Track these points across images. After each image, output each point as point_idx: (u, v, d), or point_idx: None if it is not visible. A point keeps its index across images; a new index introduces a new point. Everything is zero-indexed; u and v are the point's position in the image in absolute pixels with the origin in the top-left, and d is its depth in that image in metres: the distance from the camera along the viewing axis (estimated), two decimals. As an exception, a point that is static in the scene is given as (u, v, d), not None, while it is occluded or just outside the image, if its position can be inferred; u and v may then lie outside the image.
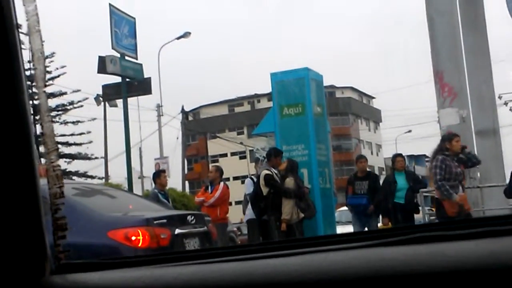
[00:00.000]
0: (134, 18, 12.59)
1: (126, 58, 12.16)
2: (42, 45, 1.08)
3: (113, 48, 11.81)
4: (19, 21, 1.04)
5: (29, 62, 1.15)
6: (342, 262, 0.88)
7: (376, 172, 66.19)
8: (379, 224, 14.35)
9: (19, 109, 1.02)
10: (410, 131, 54.81)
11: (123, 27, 12.13)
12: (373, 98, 68.00)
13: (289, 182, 8.77)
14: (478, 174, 9.92)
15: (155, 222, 5.95)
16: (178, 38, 27.89)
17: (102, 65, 11.42)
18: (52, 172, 1.08)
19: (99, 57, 11.54)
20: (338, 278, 0.85)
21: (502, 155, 11.10)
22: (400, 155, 10.07)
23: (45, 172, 1.09)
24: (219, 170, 10.30)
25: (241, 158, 54.22)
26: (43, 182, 1.06)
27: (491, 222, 0.94)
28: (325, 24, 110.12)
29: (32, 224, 1.02)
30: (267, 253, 0.98)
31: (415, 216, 9.70)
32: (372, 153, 66.46)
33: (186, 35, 27.87)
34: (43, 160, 1.13)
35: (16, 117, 1.01)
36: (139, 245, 5.68)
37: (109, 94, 12.63)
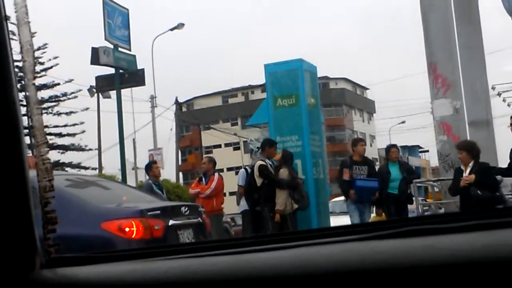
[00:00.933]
0: (127, 9, 12.53)
1: (120, 49, 12.12)
2: (31, 37, 1.07)
3: (106, 39, 11.74)
4: (8, 13, 1.03)
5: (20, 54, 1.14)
6: (335, 256, 0.88)
7: (370, 163, 66.38)
8: (373, 215, 14.42)
9: (8, 101, 1.01)
10: (404, 122, 54.94)
11: (116, 18, 12.06)
12: (367, 89, 68.07)
13: (283, 173, 8.77)
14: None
15: (148, 213, 5.92)
16: (172, 29, 27.82)
17: (95, 56, 11.37)
18: (42, 165, 1.07)
19: (92, 48, 11.49)
20: (331, 272, 0.85)
21: (495, 146, 11.13)
22: (394, 145, 10.09)
23: (34, 164, 1.08)
24: (212, 161, 10.30)
25: (235, 149, 54.29)
26: (32, 173, 1.05)
27: (484, 215, 0.93)
28: (320, 15, 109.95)
29: (21, 218, 1.01)
30: (260, 246, 0.98)
31: (409, 206, 9.73)
32: (366, 144, 66.62)
33: (179, 26, 27.80)
34: (32, 153, 1.13)
35: (4, 109, 1.01)
36: (133, 236, 5.66)
37: (102, 86, 12.58)
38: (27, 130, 1.11)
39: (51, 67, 37.48)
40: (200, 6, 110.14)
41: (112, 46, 11.88)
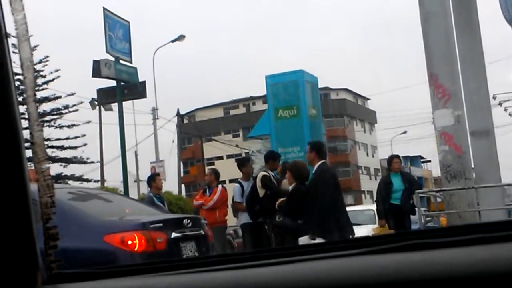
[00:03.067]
0: (128, 22, 12.59)
1: (121, 61, 12.15)
2: (31, 54, 1.07)
3: (107, 52, 11.78)
4: (8, 30, 1.04)
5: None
6: (334, 271, 0.88)
7: (372, 173, 66.40)
8: (375, 226, 14.38)
9: (9, 117, 1.01)
10: (405, 132, 55.00)
11: (117, 30, 12.11)
12: (368, 99, 68.12)
13: (286, 183, 8.75)
14: (473, 175, 9.93)
15: (151, 226, 5.91)
16: (173, 41, 27.90)
17: (97, 69, 11.39)
18: (43, 182, 1.07)
19: (94, 61, 11.52)
20: (330, 287, 0.85)
21: (497, 155, 11.12)
22: (396, 156, 10.07)
23: (35, 177, 1.08)
24: (215, 173, 10.29)
25: (236, 160, 54.19)
26: (33, 187, 1.05)
27: (481, 229, 0.94)
28: (320, 26, 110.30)
29: (23, 234, 1.01)
30: (259, 261, 0.98)
31: (411, 217, 9.71)
32: (367, 154, 66.57)
33: (180, 38, 27.88)
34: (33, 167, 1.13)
35: (5, 124, 1.01)
36: (136, 249, 5.64)
37: (104, 98, 12.59)
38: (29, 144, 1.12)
39: (52, 80, 37.62)
40: (200, 18, 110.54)
41: (113, 59, 11.91)
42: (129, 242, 5.64)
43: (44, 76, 37.45)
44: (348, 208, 17.84)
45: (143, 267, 1.09)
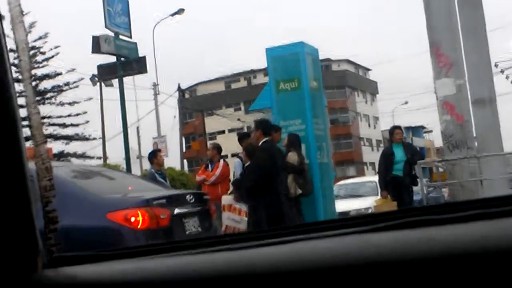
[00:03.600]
0: (127, -4, 12.48)
1: (120, 37, 12.06)
2: (26, 36, 1.06)
3: (106, 27, 11.66)
4: (2, 13, 1.03)
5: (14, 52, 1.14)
6: (333, 250, 0.87)
7: (374, 144, 66.41)
8: (378, 197, 14.43)
9: (5, 99, 1.00)
10: (407, 102, 54.89)
11: (116, 5, 11.95)
12: (369, 70, 67.83)
13: (292, 156, 8.77)
14: (476, 144, 9.92)
15: (154, 202, 5.89)
16: (172, 14, 27.73)
17: (96, 45, 11.29)
18: (41, 165, 1.07)
19: (93, 36, 11.41)
20: (329, 266, 0.85)
21: (499, 124, 11.09)
22: (398, 127, 10.05)
23: (33, 155, 1.08)
24: (217, 148, 10.28)
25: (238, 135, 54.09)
26: (30, 165, 1.05)
27: (481, 205, 0.92)
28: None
29: (22, 218, 1.01)
30: (256, 241, 0.97)
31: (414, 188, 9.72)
32: (369, 125, 66.51)
33: (180, 11, 27.70)
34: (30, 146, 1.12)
35: (2, 107, 1.00)
36: (139, 226, 5.63)
37: (104, 74, 12.51)
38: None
39: (52, 57, 37.41)
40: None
41: (113, 34, 11.82)
42: (132, 219, 5.62)
43: (43, 53, 37.23)
44: (350, 180, 17.93)
45: (143, 249, 1.08)
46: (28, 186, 1.02)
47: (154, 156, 9.91)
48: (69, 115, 37.62)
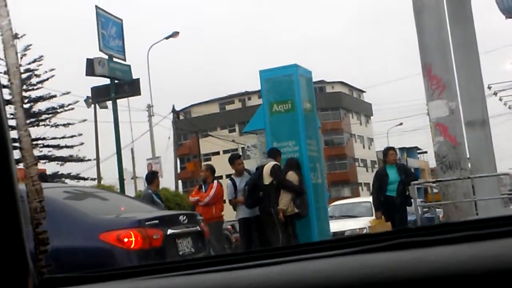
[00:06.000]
0: (121, 20, 12.53)
1: (114, 59, 12.12)
2: (18, 59, 1.08)
3: (100, 50, 11.72)
4: None
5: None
6: (324, 271, 0.87)
7: (369, 165, 66.47)
8: (372, 218, 14.39)
9: None
10: (401, 123, 54.96)
11: (110, 28, 12.05)
12: (364, 92, 68.11)
13: (292, 176, 8.88)
14: (469, 165, 9.96)
15: (147, 223, 5.87)
16: (167, 37, 27.82)
17: (90, 67, 11.34)
18: (32, 187, 1.07)
19: (87, 59, 11.45)
20: (320, 287, 0.85)
21: (492, 145, 11.15)
22: (392, 148, 10.09)
23: (23, 176, 1.08)
24: (210, 169, 10.29)
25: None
26: (21, 187, 1.04)
27: (470, 226, 0.94)
28: (314, 18, 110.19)
29: (12, 239, 1.01)
30: (249, 262, 0.98)
31: (408, 209, 9.72)
32: (364, 146, 66.63)
33: (174, 34, 27.80)
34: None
35: None
36: (132, 246, 5.61)
37: (98, 96, 12.55)
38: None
39: (47, 79, 37.40)
40: (193, 15, 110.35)
41: (107, 57, 11.88)
42: (125, 240, 5.60)
43: (38, 76, 37.23)
44: (345, 201, 17.89)
45: (134, 270, 1.08)
46: (19, 208, 1.01)
47: (152, 177, 9.93)
48: (63, 137, 37.51)
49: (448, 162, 9.21)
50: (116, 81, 12.14)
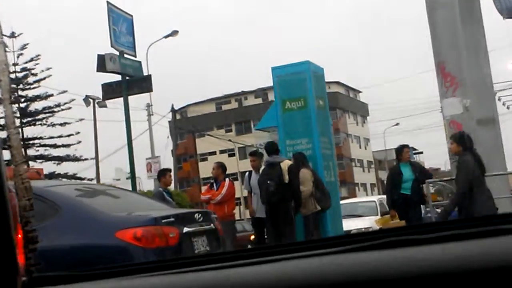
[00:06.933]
0: (131, 16, 12.45)
1: (125, 55, 12.01)
2: (6, 56, 1.07)
3: (112, 46, 11.62)
4: None
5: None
6: (315, 269, 0.88)
7: (365, 165, 66.54)
8: (377, 217, 14.32)
9: None
10: (398, 124, 55.08)
11: (121, 24, 11.95)
12: (360, 92, 68.19)
13: (306, 173, 8.83)
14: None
15: (163, 221, 5.77)
16: (166, 36, 27.68)
17: (102, 64, 11.24)
18: (21, 185, 1.07)
19: (98, 55, 11.35)
20: (311, 285, 0.85)
21: (502, 144, 11.15)
22: (406, 146, 10.00)
23: (12, 175, 1.07)
24: (222, 167, 10.19)
25: (230, 155, 54.14)
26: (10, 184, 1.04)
27: (458, 225, 0.96)
28: (311, 18, 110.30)
29: (1, 238, 0.99)
30: (241, 261, 0.98)
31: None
32: (360, 146, 66.68)
33: (173, 33, 27.66)
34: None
35: None
36: (148, 245, 5.51)
37: (108, 93, 12.40)
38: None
39: (44, 78, 37.30)
40: (190, 14, 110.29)
41: (117, 53, 11.77)
42: (142, 238, 5.50)
43: (35, 75, 37.12)
44: (349, 200, 17.88)
45: (126, 269, 1.08)
46: (8, 206, 0.99)
47: (163, 175, 9.81)
48: (60, 136, 37.40)
49: (462, 160, 9.16)
50: (127, 78, 12.03)
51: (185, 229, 5.97)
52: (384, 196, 16.28)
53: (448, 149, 9.50)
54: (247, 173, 9.93)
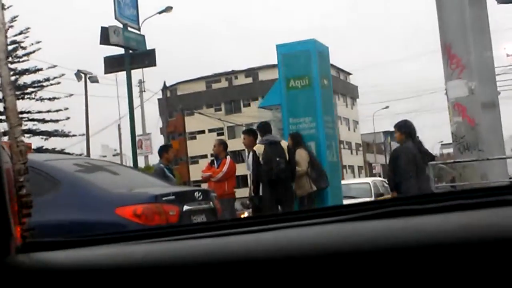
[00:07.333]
0: (136, -13, 12.26)
1: (129, 29, 11.80)
2: (3, 15, 1.04)
3: (116, 18, 11.41)
4: None
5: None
6: (315, 238, 0.88)
7: (353, 148, 66.70)
8: (371, 199, 14.33)
9: None
10: (387, 107, 55.22)
11: (125, -3, 11.79)
12: (350, 74, 68.15)
13: (302, 153, 8.71)
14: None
15: (163, 198, 5.74)
16: (160, 12, 27.34)
17: (105, 36, 11.04)
18: (15, 148, 1.04)
19: (102, 27, 11.16)
20: (311, 253, 0.85)
21: (501, 128, 11.16)
22: (409, 126, 9.92)
23: (9, 147, 1.04)
24: (223, 144, 10.10)
25: (218, 134, 54.05)
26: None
27: (459, 196, 0.95)
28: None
29: None
30: (240, 229, 0.98)
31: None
32: (349, 129, 66.79)
33: (167, 9, 27.33)
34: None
35: None
36: (148, 222, 5.44)
37: (111, 66, 12.18)
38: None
39: (33, 52, 36.85)
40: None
41: (121, 26, 11.57)
42: (141, 215, 5.46)
43: (24, 48, 36.66)
44: (343, 182, 17.95)
45: (120, 235, 1.07)
46: (2, 170, 0.97)
47: (166, 151, 9.69)
48: (49, 111, 37.08)
49: (466, 143, 9.13)
50: (130, 51, 11.84)
51: (185, 207, 5.93)
52: (378, 179, 16.31)
53: (451, 133, 9.49)
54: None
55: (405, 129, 7.80)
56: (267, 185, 8.48)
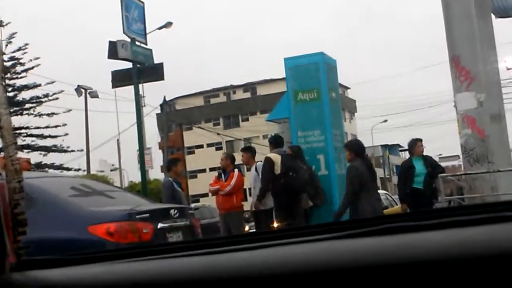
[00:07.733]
0: (143, 2, 12.26)
1: (136, 43, 11.81)
2: (0, 38, 0.97)
3: (124, 32, 11.47)
4: None
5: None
6: (309, 255, 0.87)
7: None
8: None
9: None
10: (386, 121, 55.25)
11: (133, 11, 11.78)
12: (348, 88, 68.27)
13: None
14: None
15: (137, 216, 5.73)
16: (160, 28, 27.38)
17: (113, 50, 11.07)
18: (10, 167, 1.04)
19: (110, 42, 11.19)
20: (305, 271, 0.84)
21: (508, 140, 11.15)
22: (419, 140, 9.93)
23: (3, 165, 1.04)
24: (230, 157, 10.09)
25: (217, 149, 54.01)
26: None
27: (456, 213, 0.95)
28: (301, 14, 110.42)
29: None
30: (234, 246, 0.97)
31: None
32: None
33: (167, 25, 27.38)
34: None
35: None
36: (121, 240, 5.45)
37: (119, 80, 12.17)
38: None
39: (32, 68, 36.83)
40: (183, 6, 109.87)
41: (129, 40, 11.58)
42: (114, 233, 5.45)
43: (23, 64, 36.66)
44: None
45: (114, 254, 1.08)
46: None
47: (174, 164, 9.66)
48: (47, 127, 37.01)
49: (476, 155, 9.11)
50: (138, 65, 11.84)
51: (160, 225, 5.94)
52: (382, 191, 16.30)
53: (461, 145, 9.47)
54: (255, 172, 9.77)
55: (355, 147, 8.00)
56: (285, 193, 8.47)
